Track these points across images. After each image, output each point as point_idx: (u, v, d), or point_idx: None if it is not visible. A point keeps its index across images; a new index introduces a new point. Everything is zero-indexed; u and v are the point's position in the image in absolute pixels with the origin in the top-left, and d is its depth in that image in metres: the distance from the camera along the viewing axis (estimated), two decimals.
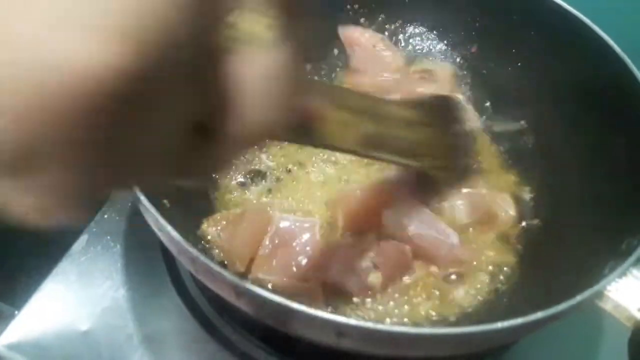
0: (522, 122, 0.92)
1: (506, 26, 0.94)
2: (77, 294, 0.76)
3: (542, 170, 0.86)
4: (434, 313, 0.72)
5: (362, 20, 1.02)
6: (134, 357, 0.72)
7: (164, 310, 0.76)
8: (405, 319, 0.71)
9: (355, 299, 0.71)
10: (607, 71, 0.78)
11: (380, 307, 0.71)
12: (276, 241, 0.73)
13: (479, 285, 0.75)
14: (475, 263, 0.76)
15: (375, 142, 0.56)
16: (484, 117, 0.97)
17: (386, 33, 1.03)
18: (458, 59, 1.01)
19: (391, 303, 0.71)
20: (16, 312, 0.74)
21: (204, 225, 0.75)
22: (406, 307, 0.71)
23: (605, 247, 0.63)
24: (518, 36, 0.93)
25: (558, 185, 0.83)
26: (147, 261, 0.80)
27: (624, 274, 0.57)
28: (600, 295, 0.59)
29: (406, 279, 0.73)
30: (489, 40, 0.97)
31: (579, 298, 0.54)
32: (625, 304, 0.67)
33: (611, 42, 0.78)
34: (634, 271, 0.61)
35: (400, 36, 1.04)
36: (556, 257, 0.74)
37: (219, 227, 0.74)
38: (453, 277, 0.75)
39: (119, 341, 0.73)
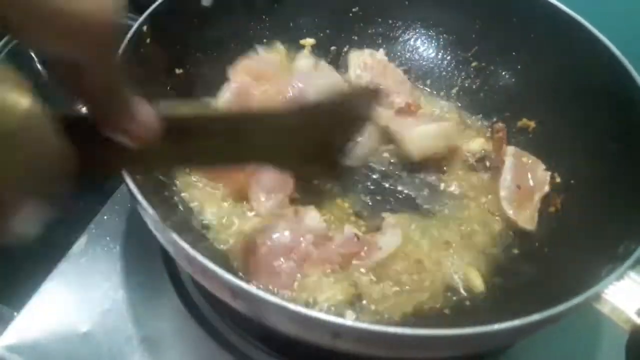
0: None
1: (506, 29, 0.94)
2: (77, 296, 0.76)
3: None
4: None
5: (361, 23, 1.03)
6: (133, 359, 0.72)
7: (164, 312, 0.76)
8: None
9: None
10: (606, 74, 0.78)
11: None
12: None
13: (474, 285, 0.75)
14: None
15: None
16: (480, 115, 0.98)
17: (387, 35, 1.04)
18: (457, 62, 1.01)
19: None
20: (15, 313, 0.75)
21: None
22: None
23: (602, 250, 0.63)
24: (518, 39, 0.93)
25: (557, 187, 0.83)
26: (146, 262, 0.80)
27: (621, 277, 0.57)
28: (597, 298, 0.59)
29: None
30: (489, 44, 0.97)
31: (576, 300, 0.55)
32: (622, 307, 0.67)
33: (610, 45, 0.79)
34: (632, 274, 0.61)
35: (398, 39, 1.04)
36: (554, 259, 0.74)
37: None
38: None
39: (119, 342, 0.73)
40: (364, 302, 0.72)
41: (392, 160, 0.89)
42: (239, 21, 0.94)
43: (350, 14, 1.02)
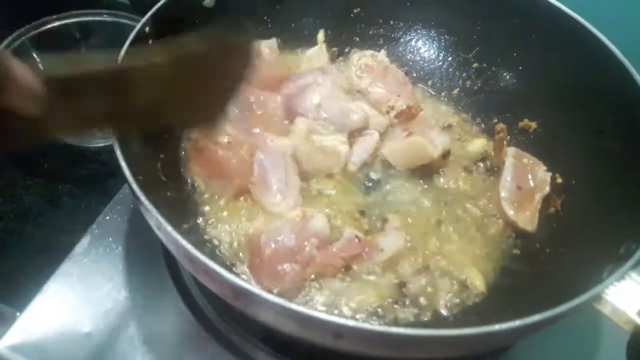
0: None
1: (507, 30, 0.94)
2: (79, 296, 0.77)
3: None
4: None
5: (362, 24, 1.03)
6: (135, 358, 0.72)
7: (166, 312, 0.77)
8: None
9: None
10: (607, 74, 0.78)
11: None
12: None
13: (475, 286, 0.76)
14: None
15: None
16: (482, 116, 0.98)
17: (388, 36, 1.04)
18: (459, 63, 1.01)
19: None
20: (18, 313, 0.75)
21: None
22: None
23: (603, 251, 0.64)
24: (519, 40, 0.93)
25: (558, 188, 0.83)
26: (148, 262, 0.80)
27: (622, 277, 0.58)
28: (598, 298, 0.59)
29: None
30: (490, 45, 0.97)
31: (577, 301, 0.55)
32: (623, 308, 0.67)
33: (611, 45, 0.79)
34: (633, 275, 0.61)
35: (400, 40, 1.04)
36: (554, 260, 0.74)
37: None
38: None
39: (121, 342, 0.73)
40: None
41: None
42: (241, 22, 0.94)
43: (352, 15, 1.03)
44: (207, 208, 0.79)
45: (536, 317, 0.53)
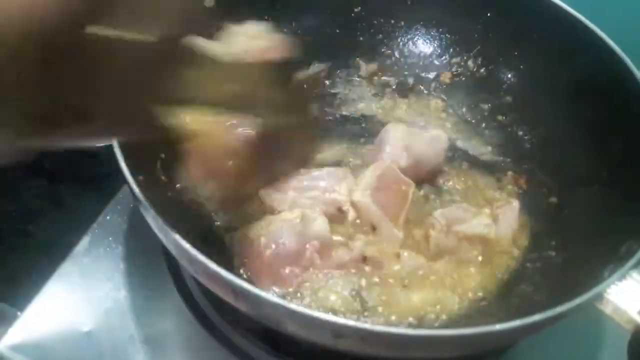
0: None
1: (508, 29, 0.94)
2: (80, 295, 0.77)
3: (543, 173, 0.86)
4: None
5: (363, 23, 1.03)
6: (136, 358, 0.72)
7: (166, 311, 0.76)
8: None
9: None
10: (608, 72, 0.78)
11: None
12: None
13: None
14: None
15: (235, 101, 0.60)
16: (481, 115, 0.98)
17: (389, 35, 1.04)
18: (459, 61, 1.01)
19: None
20: (19, 313, 0.75)
21: None
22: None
23: (605, 250, 0.63)
24: (520, 39, 0.93)
25: (559, 187, 0.83)
26: (149, 262, 0.80)
27: (623, 277, 0.57)
28: (600, 298, 0.59)
29: None
30: (491, 43, 0.97)
31: (578, 300, 0.54)
32: (625, 307, 0.67)
33: (612, 44, 0.79)
34: (634, 274, 0.61)
35: (400, 39, 1.04)
36: (555, 260, 0.74)
37: None
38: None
39: (121, 342, 0.73)
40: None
41: None
42: (241, 21, 0.94)
43: (353, 14, 1.02)
44: (207, 208, 0.79)
45: (537, 317, 0.53)
